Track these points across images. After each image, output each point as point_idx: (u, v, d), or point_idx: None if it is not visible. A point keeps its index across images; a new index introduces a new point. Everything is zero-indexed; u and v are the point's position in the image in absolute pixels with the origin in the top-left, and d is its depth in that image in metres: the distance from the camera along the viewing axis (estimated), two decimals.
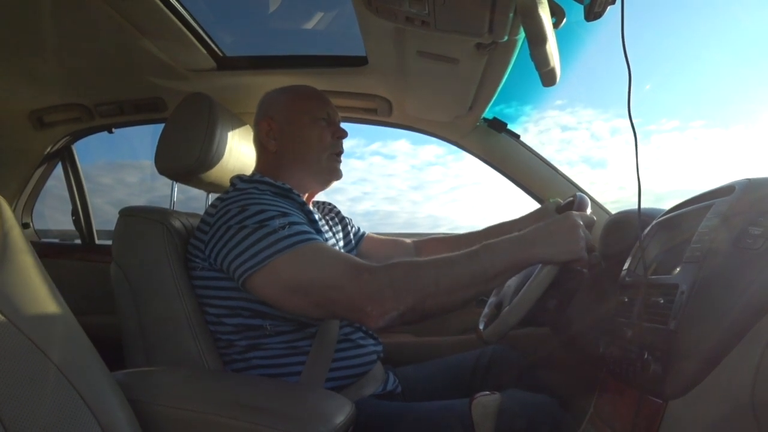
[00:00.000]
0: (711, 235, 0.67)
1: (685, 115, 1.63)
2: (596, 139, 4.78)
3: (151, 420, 0.62)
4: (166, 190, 1.63)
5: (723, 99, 4.79)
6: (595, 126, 4.54)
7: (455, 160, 6.20)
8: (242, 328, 0.84)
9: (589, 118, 1.84)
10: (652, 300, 0.71)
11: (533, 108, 1.45)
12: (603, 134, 5.22)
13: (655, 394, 0.65)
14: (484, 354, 1.07)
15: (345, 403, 0.68)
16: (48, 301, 0.57)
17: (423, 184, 5.51)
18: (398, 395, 0.99)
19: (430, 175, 5.78)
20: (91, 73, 1.27)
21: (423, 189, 5.25)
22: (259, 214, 0.78)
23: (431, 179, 5.52)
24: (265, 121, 0.97)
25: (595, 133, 5.08)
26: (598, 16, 0.68)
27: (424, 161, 5.77)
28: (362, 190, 1.05)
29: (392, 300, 0.70)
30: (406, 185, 5.34)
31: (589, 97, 5.14)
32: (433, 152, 5.89)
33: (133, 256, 0.90)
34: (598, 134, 4.46)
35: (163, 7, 0.95)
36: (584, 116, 1.88)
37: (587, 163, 6.34)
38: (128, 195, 2.53)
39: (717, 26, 4.65)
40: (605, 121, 4.73)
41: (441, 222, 5.03)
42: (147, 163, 1.93)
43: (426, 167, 5.46)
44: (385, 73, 1.17)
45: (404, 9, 0.80)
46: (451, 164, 6.25)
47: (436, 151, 6.19)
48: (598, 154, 5.38)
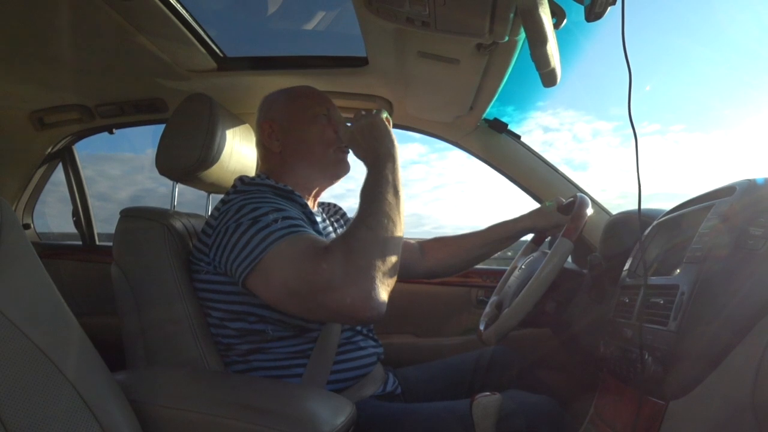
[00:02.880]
0: (711, 235, 0.67)
1: (667, 119, 1.63)
2: (578, 141, 4.77)
3: (152, 420, 0.62)
4: (150, 183, 1.62)
5: (704, 104, 4.82)
6: (577, 128, 4.55)
7: (438, 159, 6.18)
8: (245, 333, 0.84)
9: (571, 119, 1.85)
10: (652, 301, 0.71)
11: (535, 109, 1.46)
12: (585, 136, 5.24)
13: (656, 395, 0.65)
14: (485, 355, 1.07)
15: (345, 404, 0.67)
16: (49, 302, 0.57)
17: (406, 183, 5.52)
18: (398, 396, 0.99)
19: (413, 173, 5.80)
20: (91, 74, 1.27)
21: (406, 187, 5.26)
22: (254, 212, 0.78)
23: (414, 177, 5.53)
24: (267, 123, 0.98)
25: (577, 134, 5.10)
26: (599, 17, 0.68)
27: (408, 159, 5.80)
28: (346, 187, 1.05)
29: (354, 285, 0.69)
30: None
31: (571, 99, 5.15)
32: (417, 151, 5.93)
33: (133, 256, 0.90)
34: (581, 136, 4.46)
35: (164, 7, 0.95)
36: (566, 118, 1.87)
37: (569, 165, 6.36)
38: (110, 188, 2.51)
39: (700, 32, 4.68)
40: (587, 123, 4.76)
41: (425, 221, 5.03)
42: (128, 156, 1.91)
43: (409, 165, 5.48)
44: (385, 73, 1.17)
45: (405, 10, 0.80)
46: (434, 163, 6.29)
47: (419, 149, 6.23)
48: (580, 156, 5.40)
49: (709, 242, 0.67)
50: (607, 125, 5.18)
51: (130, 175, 1.95)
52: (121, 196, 1.55)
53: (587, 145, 5.90)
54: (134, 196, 2.30)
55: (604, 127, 5.19)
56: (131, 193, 2.20)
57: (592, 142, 6.11)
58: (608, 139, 5.68)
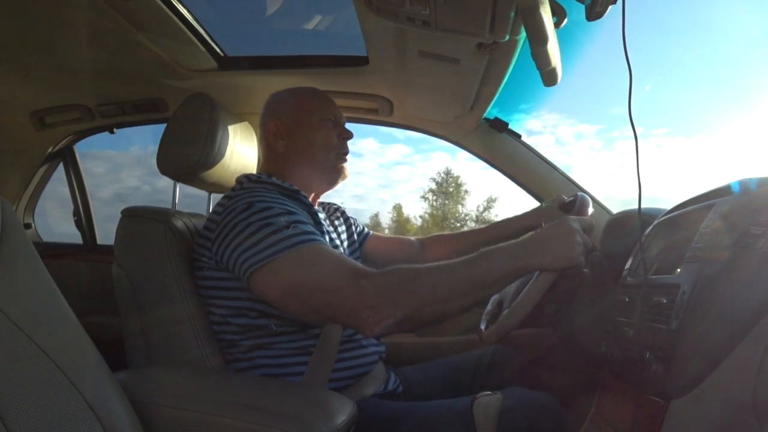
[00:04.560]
0: (712, 234, 0.67)
1: (649, 122, 1.60)
2: (561, 145, 4.76)
3: (153, 420, 0.62)
4: (134, 182, 1.62)
5: (686, 108, 4.81)
6: (560, 131, 4.54)
7: (422, 160, 6.17)
8: (247, 328, 0.84)
9: (554, 122, 1.83)
10: (653, 300, 0.71)
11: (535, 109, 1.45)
12: (568, 139, 5.22)
13: (657, 394, 0.65)
14: (486, 354, 1.07)
15: (346, 402, 0.67)
16: (50, 302, 0.57)
17: (391, 183, 5.52)
18: (400, 395, 0.99)
19: (397, 174, 5.79)
20: (92, 74, 1.27)
21: (391, 188, 5.25)
22: (264, 211, 0.78)
23: (399, 178, 5.53)
24: (273, 121, 0.98)
25: (561, 138, 5.09)
26: (600, 16, 0.68)
27: (392, 160, 5.78)
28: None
29: (389, 308, 0.70)
30: (374, 183, 5.33)
31: (555, 102, 5.11)
32: (401, 152, 5.92)
33: (135, 256, 0.90)
34: (563, 139, 4.44)
35: (165, 7, 0.95)
36: (549, 121, 1.82)
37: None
38: (93, 186, 2.50)
39: (683, 37, 4.68)
40: (570, 126, 4.75)
41: (410, 220, 5.02)
42: (112, 153, 1.90)
43: (394, 166, 5.47)
44: (386, 73, 1.17)
45: (405, 9, 0.80)
46: (418, 164, 6.27)
47: (404, 150, 6.20)
48: (563, 159, 5.39)
49: (710, 241, 0.67)
50: (589, 128, 5.19)
51: (112, 173, 1.94)
52: (104, 194, 1.56)
53: (570, 149, 5.81)
54: (117, 193, 2.29)
55: (587, 130, 5.18)
56: (115, 190, 2.19)
57: (575, 146, 6.07)
58: (591, 142, 5.67)
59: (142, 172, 7.49)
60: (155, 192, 3.39)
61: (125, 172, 7.52)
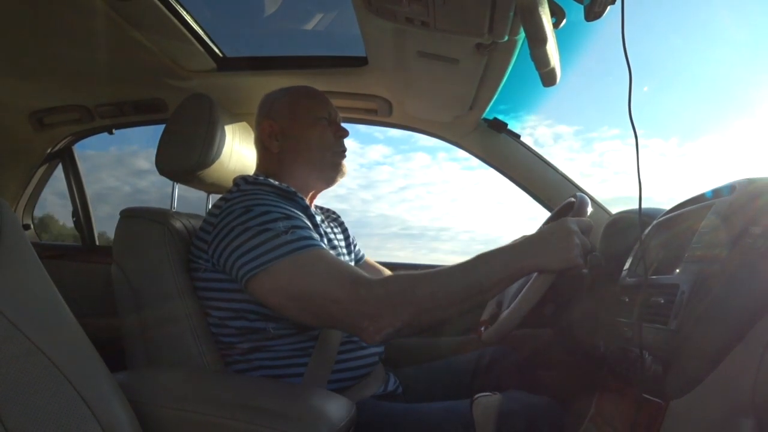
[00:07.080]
0: (711, 234, 0.67)
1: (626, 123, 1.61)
2: (540, 146, 4.79)
3: (152, 420, 0.62)
4: (113, 182, 1.61)
5: (662, 111, 4.81)
6: (539, 132, 4.54)
7: (403, 160, 6.18)
8: (245, 331, 0.84)
9: (532, 123, 1.85)
10: (652, 300, 0.71)
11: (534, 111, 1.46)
12: (546, 140, 5.22)
13: (656, 395, 0.65)
14: (485, 355, 1.07)
15: (346, 403, 0.67)
16: (49, 303, 0.57)
17: (372, 183, 5.53)
18: (399, 396, 0.99)
19: (378, 174, 5.80)
20: (91, 74, 1.27)
21: (373, 188, 5.25)
22: (263, 215, 0.78)
23: (380, 178, 5.54)
24: (267, 122, 0.97)
25: (539, 139, 5.10)
26: (598, 16, 0.68)
27: (372, 160, 5.78)
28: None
29: (389, 317, 0.70)
30: (355, 184, 5.34)
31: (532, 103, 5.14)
32: (380, 152, 5.89)
33: (133, 257, 0.90)
34: (542, 140, 4.45)
35: (163, 8, 0.95)
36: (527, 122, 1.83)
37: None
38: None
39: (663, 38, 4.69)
40: (548, 126, 4.75)
41: (392, 222, 5.04)
42: (91, 153, 1.88)
43: (374, 166, 5.48)
44: (385, 73, 1.17)
45: (404, 9, 0.80)
46: (399, 164, 6.28)
47: (383, 150, 6.18)
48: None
49: (709, 241, 0.67)
50: (567, 129, 5.26)
51: (92, 173, 1.92)
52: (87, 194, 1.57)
53: (549, 150, 5.78)
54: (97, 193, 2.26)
55: (565, 131, 5.25)
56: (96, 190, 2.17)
57: (553, 147, 6.07)
58: (570, 143, 5.70)
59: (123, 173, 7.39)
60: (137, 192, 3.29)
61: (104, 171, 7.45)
